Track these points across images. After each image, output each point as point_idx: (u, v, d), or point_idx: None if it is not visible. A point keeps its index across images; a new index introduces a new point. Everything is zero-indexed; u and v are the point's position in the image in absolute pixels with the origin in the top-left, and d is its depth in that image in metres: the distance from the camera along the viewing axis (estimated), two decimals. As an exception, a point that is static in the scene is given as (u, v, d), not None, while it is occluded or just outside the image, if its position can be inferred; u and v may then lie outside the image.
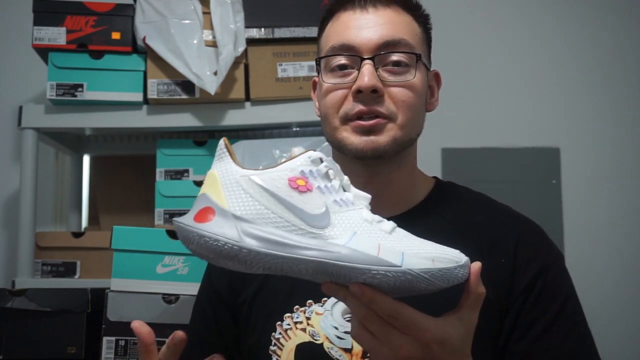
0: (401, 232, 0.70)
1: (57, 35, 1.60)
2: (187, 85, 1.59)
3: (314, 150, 0.72)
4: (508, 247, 0.91)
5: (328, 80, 0.93)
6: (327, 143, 1.59)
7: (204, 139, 1.72)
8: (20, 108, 1.63)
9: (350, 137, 0.90)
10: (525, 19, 2.12)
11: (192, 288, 1.35)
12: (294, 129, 1.77)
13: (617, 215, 2.09)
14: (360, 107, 0.89)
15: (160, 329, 1.39)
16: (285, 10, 1.64)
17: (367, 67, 0.89)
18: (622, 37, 2.14)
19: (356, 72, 0.90)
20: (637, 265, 2.10)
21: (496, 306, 0.88)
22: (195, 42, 1.57)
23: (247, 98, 1.62)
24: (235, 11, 1.61)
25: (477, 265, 0.70)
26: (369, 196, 0.72)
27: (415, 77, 0.91)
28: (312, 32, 1.63)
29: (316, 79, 1.00)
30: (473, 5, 2.15)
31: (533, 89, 2.12)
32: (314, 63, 1.66)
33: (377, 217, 0.70)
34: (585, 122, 2.11)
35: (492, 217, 0.95)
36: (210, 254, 0.67)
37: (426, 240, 0.70)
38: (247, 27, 1.62)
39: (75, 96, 1.59)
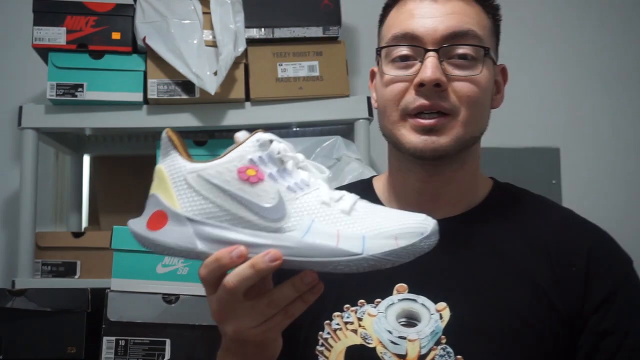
0: (362, 209, 0.66)
1: (57, 35, 1.60)
2: (187, 85, 1.58)
3: (263, 131, 0.68)
4: (579, 255, 0.86)
5: (389, 72, 0.88)
6: (328, 143, 1.61)
7: (204, 139, 1.72)
8: (20, 108, 1.63)
9: (409, 135, 0.85)
10: (526, 19, 2.12)
11: (192, 288, 1.36)
12: (294, 129, 1.77)
13: (617, 215, 2.09)
14: (421, 101, 0.84)
15: (160, 329, 1.40)
16: (285, 10, 1.64)
17: (431, 59, 0.83)
18: (623, 37, 2.14)
19: (419, 64, 0.85)
20: (639, 266, 2.10)
21: (565, 315, 0.84)
22: (195, 42, 1.57)
23: (247, 98, 1.62)
24: (235, 11, 1.61)
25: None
26: (325, 170, 0.69)
27: (481, 72, 0.86)
28: (312, 32, 1.63)
29: (374, 68, 0.95)
30: (473, 5, 2.15)
31: (533, 89, 2.11)
32: (314, 63, 1.68)
33: (335, 194, 0.66)
34: (585, 122, 2.11)
35: (558, 223, 0.91)
36: (171, 255, 0.67)
37: (391, 211, 0.67)
38: (247, 27, 1.62)
39: (75, 96, 1.59)
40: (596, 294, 0.85)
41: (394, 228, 0.63)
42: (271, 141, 0.67)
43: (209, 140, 1.71)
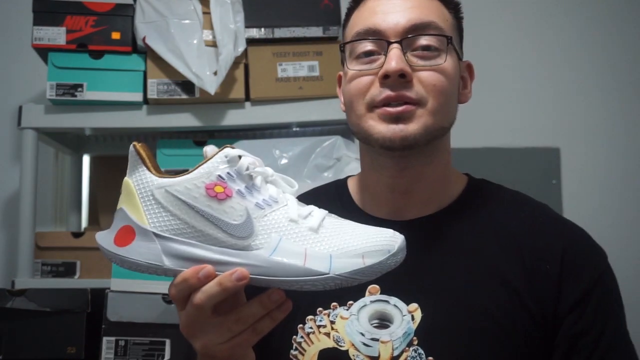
0: (330, 226, 0.66)
1: (57, 35, 1.59)
2: (187, 85, 1.58)
3: (231, 147, 0.67)
4: (553, 254, 0.85)
5: (353, 67, 0.88)
6: (328, 142, 1.61)
7: (204, 139, 1.72)
8: (20, 108, 1.63)
9: (377, 125, 0.85)
10: (525, 20, 2.12)
11: (192, 288, 1.35)
12: (294, 129, 1.77)
13: (617, 215, 2.09)
14: (387, 92, 0.84)
15: (160, 329, 1.40)
16: (285, 10, 1.64)
17: (394, 50, 0.84)
18: (622, 37, 2.14)
19: (383, 57, 0.85)
20: (638, 265, 2.10)
21: (538, 315, 0.83)
22: (195, 42, 1.57)
23: (247, 98, 1.62)
24: (235, 11, 1.60)
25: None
26: (295, 184, 0.69)
27: (446, 61, 0.86)
28: (312, 32, 1.63)
29: (341, 73, 0.95)
30: (472, 6, 2.15)
31: (533, 89, 2.12)
32: (314, 63, 1.68)
33: (304, 211, 0.66)
34: (585, 122, 2.11)
35: (532, 220, 0.90)
36: (138, 271, 0.66)
37: (359, 227, 0.66)
38: (247, 27, 1.62)
39: (75, 96, 1.59)
40: (570, 294, 0.84)
41: (361, 246, 0.63)
42: (240, 157, 0.67)
43: (208, 140, 1.71)
